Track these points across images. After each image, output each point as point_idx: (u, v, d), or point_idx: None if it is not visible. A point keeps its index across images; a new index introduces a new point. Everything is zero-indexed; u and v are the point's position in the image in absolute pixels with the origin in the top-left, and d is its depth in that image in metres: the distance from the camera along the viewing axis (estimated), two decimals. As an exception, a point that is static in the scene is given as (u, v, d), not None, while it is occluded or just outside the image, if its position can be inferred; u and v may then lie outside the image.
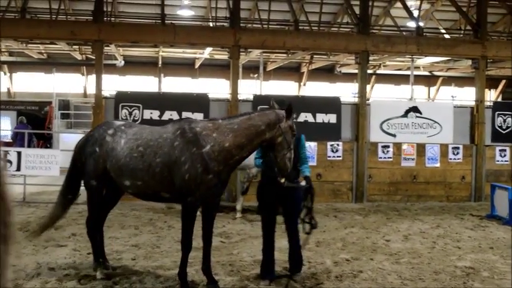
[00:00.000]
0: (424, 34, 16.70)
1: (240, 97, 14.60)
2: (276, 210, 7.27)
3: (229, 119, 6.78)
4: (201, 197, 6.59)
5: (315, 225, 7.06)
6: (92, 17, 14.65)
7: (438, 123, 15.24)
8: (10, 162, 13.19)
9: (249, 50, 18.20)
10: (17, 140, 18.28)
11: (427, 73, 25.42)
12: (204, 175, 6.45)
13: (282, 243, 9.34)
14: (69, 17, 19.33)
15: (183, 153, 6.49)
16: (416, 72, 21.82)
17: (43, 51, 23.41)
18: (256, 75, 22.46)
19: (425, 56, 18.04)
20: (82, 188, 7.48)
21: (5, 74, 26.50)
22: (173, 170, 6.53)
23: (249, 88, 22.17)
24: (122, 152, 6.79)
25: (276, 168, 6.69)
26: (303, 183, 7.02)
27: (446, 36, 19.61)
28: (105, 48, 15.76)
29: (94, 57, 14.96)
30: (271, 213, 7.27)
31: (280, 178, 6.78)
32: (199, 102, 14.32)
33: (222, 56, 21.21)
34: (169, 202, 7.28)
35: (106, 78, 15.13)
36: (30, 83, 26.78)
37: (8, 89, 26.92)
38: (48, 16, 16.99)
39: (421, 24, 17.96)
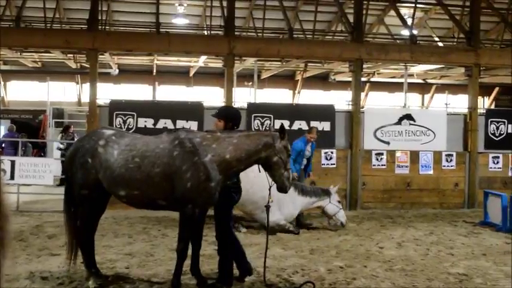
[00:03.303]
0: (418, 42, 16.81)
1: (234, 105, 14.62)
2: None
3: (227, 133, 6.96)
4: (202, 203, 6.74)
5: None
6: (86, 26, 14.68)
7: (431, 131, 15.32)
8: (4, 171, 13.17)
9: (244, 58, 18.27)
10: (5, 148, 18.11)
11: (420, 81, 25.53)
12: (206, 183, 6.61)
13: (275, 250, 9.41)
14: (63, 25, 19.38)
15: (184, 162, 6.62)
16: (410, 80, 21.91)
17: (37, 59, 23.41)
18: (250, 83, 22.48)
19: (419, 63, 18.12)
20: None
21: (-1, 82, 26.50)
22: (174, 178, 6.64)
23: (244, 96, 22.21)
24: (116, 163, 6.82)
25: (277, 187, 7.00)
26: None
27: (440, 44, 19.74)
28: (100, 56, 15.78)
29: (88, 66, 14.97)
30: None
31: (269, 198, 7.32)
32: (194, 110, 14.36)
33: (217, 64, 21.25)
34: (165, 209, 7.36)
35: (100, 86, 15.14)
36: (25, 92, 26.75)
37: (3, 97, 26.89)
38: (43, 25, 17.05)
39: (415, 32, 18.08)
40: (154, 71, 24.69)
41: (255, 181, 9.59)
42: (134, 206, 7.35)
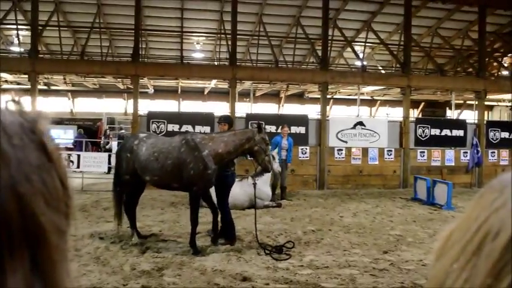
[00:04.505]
0: (367, 70, 16.81)
1: (236, 115, 14.59)
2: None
3: (220, 134, 7.02)
4: (202, 186, 6.77)
5: None
6: (131, 58, 14.63)
7: (377, 133, 15.27)
8: (72, 162, 13.14)
9: (243, 81, 18.23)
10: (76, 146, 18.16)
11: (369, 97, 25.51)
12: (205, 171, 6.65)
13: (265, 219, 9.40)
14: (114, 58, 19.30)
15: (188, 156, 6.68)
16: (361, 97, 21.90)
17: (96, 82, 23.26)
18: (248, 99, 22.39)
19: (368, 85, 18.13)
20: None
21: (69, 99, 26.34)
22: (181, 168, 6.71)
23: (243, 108, 22.11)
24: (143, 157, 6.96)
25: (261, 169, 7.07)
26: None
27: (382, 71, 19.73)
28: (140, 80, 15.72)
29: (132, 87, 14.90)
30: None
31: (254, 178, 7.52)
32: (207, 119, 14.25)
33: (224, 85, 21.15)
34: (178, 190, 7.47)
35: (140, 102, 15.06)
36: (87, 105, 26.60)
37: (71, 109, 26.76)
38: (100, 58, 16.95)
39: (365, 63, 18.07)
40: (179, 90, 24.53)
41: (235, 191, 9.43)
42: (157, 187, 7.47)
